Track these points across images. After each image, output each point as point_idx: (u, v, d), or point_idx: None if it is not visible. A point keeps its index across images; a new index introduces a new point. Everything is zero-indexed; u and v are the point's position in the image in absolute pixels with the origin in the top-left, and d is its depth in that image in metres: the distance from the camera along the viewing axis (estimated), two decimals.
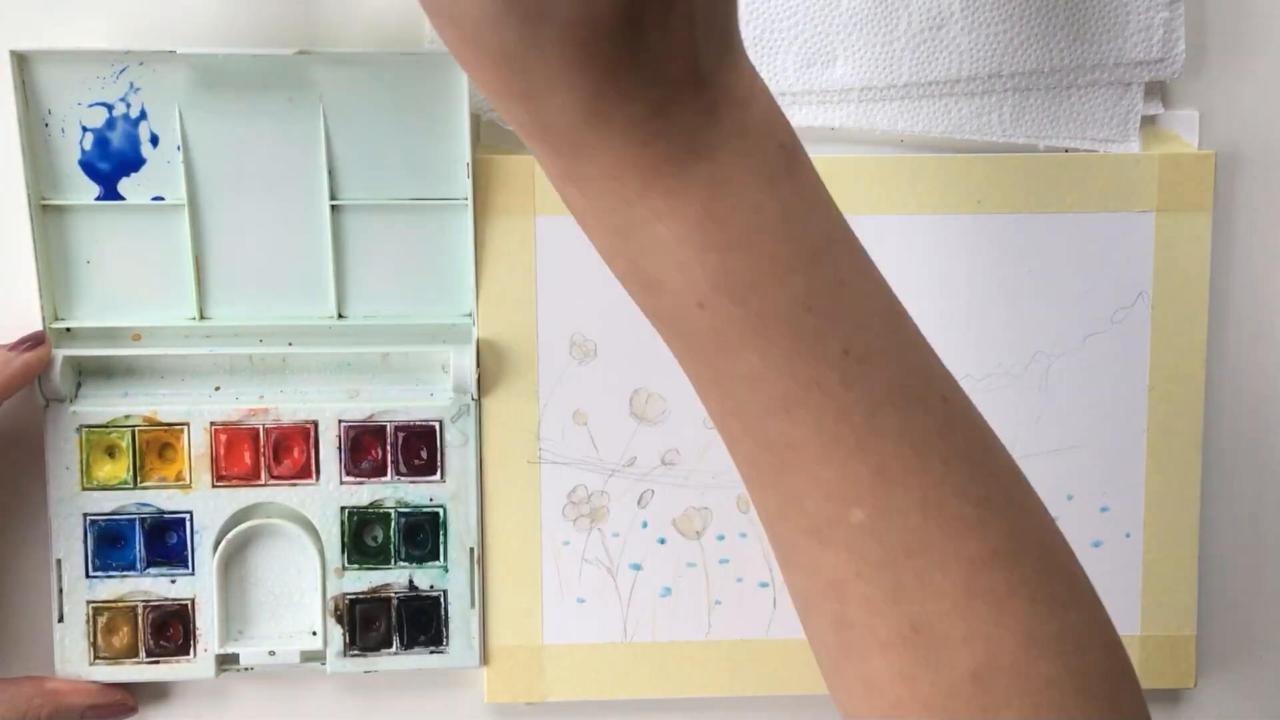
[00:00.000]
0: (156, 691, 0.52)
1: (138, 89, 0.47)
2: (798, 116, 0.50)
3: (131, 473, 0.50)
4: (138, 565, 0.50)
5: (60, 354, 0.49)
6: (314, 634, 0.51)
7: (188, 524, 0.50)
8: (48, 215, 0.48)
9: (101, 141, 0.48)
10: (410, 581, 0.51)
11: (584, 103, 0.29)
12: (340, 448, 0.50)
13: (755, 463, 0.33)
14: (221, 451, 0.50)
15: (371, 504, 0.50)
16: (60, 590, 0.50)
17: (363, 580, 0.50)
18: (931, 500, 0.32)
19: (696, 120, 0.30)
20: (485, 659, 0.52)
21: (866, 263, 0.33)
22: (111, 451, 0.50)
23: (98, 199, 0.48)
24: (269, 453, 0.50)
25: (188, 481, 0.50)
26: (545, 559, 0.51)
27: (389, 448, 0.50)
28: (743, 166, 0.31)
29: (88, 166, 0.48)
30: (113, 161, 0.48)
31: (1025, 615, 0.32)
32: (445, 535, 0.51)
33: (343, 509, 0.50)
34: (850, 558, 0.32)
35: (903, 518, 0.32)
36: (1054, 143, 0.51)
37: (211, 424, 0.50)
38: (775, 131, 0.32)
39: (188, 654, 0.50)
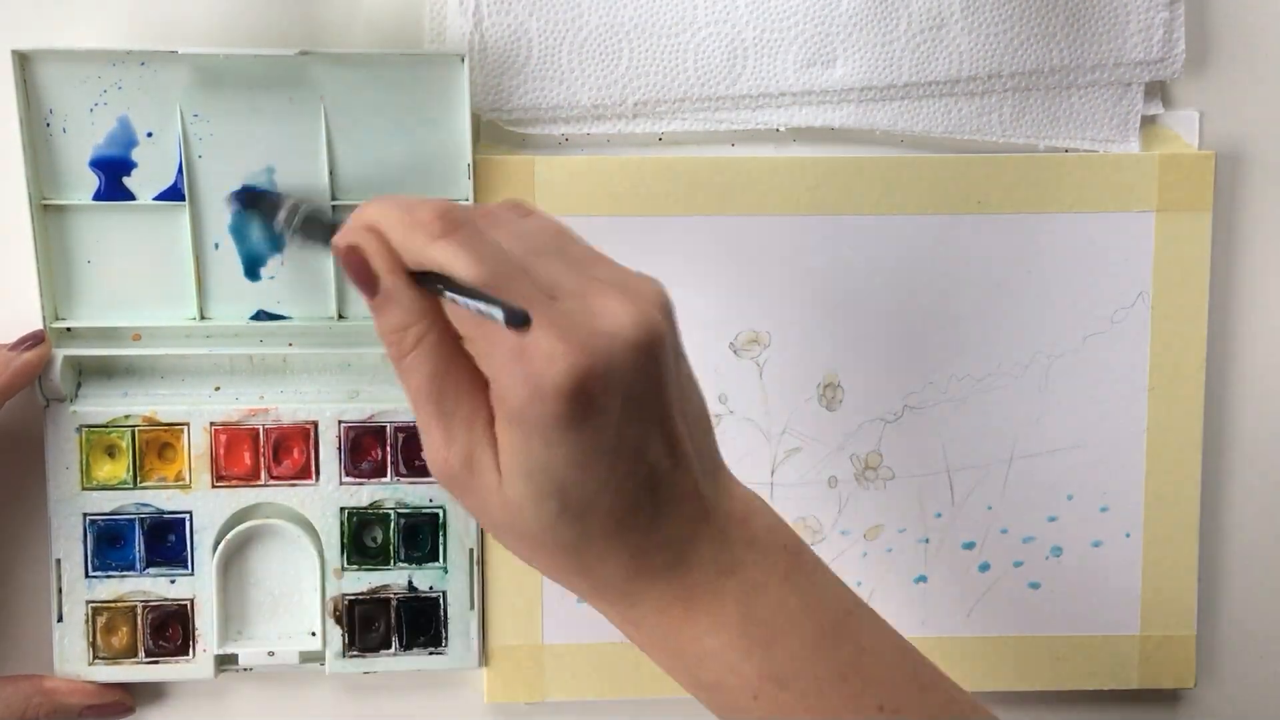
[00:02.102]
0: (155, 691, 0.52)
1: (139, 89, 0.47)
2: (798, 117, 0.50)
3: (131, 473, 0.50)
4: (137, 565, 0.50)
5: (60, 354, 0.49)
6: (313, 635, 0.51)
7: (187, 524, 0.50)
8: (48, 215, 0.48)
9: (102, 142, 0.48)
10: (410, 582, 0.51)
11: (625, 563, 0.36)
12: (340, 448, 0.50)
13: None
14: (221, 451, 0.50)
15: (371, 505, 0.50)
16: (60, 590, 0.50)
17: (362, 581, 0.50)
18: None
19: (715, 546, 0.37)
20: (485, 659, 0.52)
21: (880, 623, 0.39)
22: (111, 451, 0.50)
23: (99, 198, 0.48)
24: (269, 453, 0.50)
25: (187, 481, 0.50)
26: None
27: (389, 448, 0.50)
28: (761, 572, 0.37)
29: (90, 166, 0.48)
30: (114, 162, 0.48)
31: None
32: (445, 536, 0.51)
33: (342, 510, 0.50)
34: None
35: None
36: (1054, 143, 0.51)
37: (211, 424, 0.50)
38: (779, 535, 0.38)
39: (187, 654, 0.50)
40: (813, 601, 0.37)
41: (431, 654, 0.51)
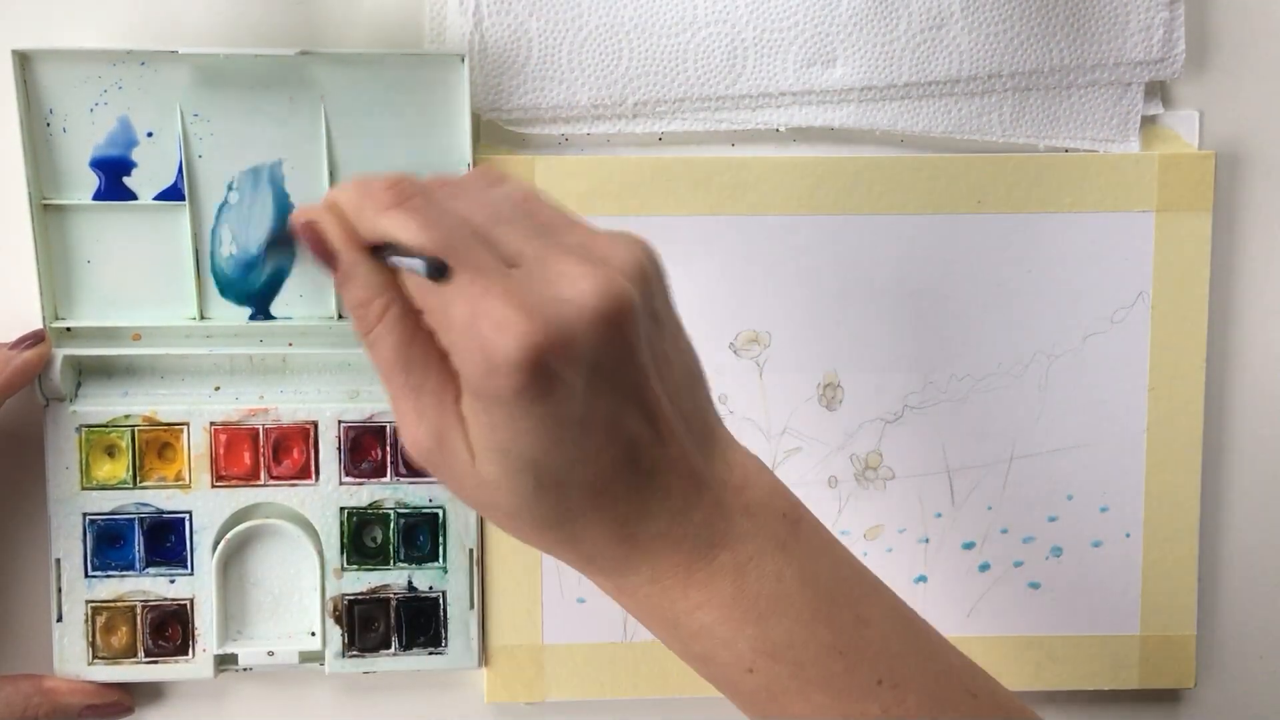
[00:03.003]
0: (154, 691, 0.52)
1: (139, 89, 0.47)
2: (798, 116, 0.50)
3: (131, 472, 0.50)
4: (137, 565, 0.50)
5: (60, 353, 0.49)
6: (313, 635, 0.51)
7: (187, 524, 0.50)
8: (48, 214, 0.48)
9: (103, 142, 0.48)
10: (409, 582, 0.51)
11: (614, 533, 0.35)
12: (340, 448, 0.50)
13: None
14: (221, 451, 0.50)
15: (371, 504, 0.50)
16: (59, 590, 0.50)
17: (362, 581, 0.50)
18: None
19: (708, 515, 0.36)
20: (485, 659, 0.52)
21: (881, 592, 0.38)
22: (111, 451, 0.50)
23: (99, 198, 0.48)
24: (269, 453, 0.50)
25: (187, 481, 0.50)
26: (545, 559, 0.51)
27: (388, 448, 0.50)
28: (757, 543, 0.36)
29: (90, 166, 0.48)
30: (114, 161, 0.48)
31: None
32: (444, 536, 0.51)
33: (342, 509, 0.50)
34: None
35: None
36: (1054, 143, 0.51)
37: (211, 424, 0.50)
38: (776, 501, 0.37)
39: (186, 654, 0.50)
40: (810, 571, 0.36)
41: (431, 654, 0.51)
